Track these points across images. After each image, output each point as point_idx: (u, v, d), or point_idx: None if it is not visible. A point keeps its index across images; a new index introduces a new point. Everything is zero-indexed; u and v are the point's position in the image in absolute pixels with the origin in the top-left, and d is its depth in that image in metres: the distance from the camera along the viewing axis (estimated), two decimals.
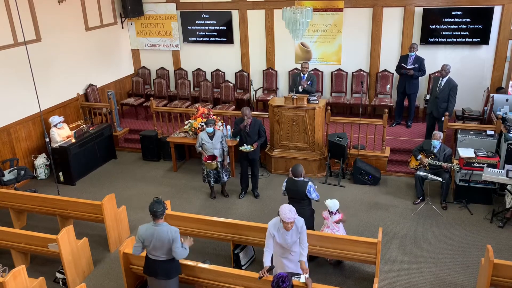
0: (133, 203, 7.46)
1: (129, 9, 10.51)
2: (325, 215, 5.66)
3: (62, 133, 8.37)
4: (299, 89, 8.27)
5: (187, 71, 11.09)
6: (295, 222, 4.54)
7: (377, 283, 4.90)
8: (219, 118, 8.41)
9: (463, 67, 9.26)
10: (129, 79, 11.36)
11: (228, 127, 8.34)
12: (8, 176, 7.64)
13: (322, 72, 10.14)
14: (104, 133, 9.04)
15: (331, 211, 5.59)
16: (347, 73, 9.99)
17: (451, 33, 9.15)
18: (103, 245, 6.37)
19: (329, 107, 8.33)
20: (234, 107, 10.07)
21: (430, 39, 9.29)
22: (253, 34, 10.41)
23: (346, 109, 10.13)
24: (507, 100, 7.94)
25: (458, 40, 9.16)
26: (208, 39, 10.77)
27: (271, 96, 10.07)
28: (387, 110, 8.04)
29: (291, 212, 4.48)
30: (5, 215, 7.04)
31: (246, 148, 7.22)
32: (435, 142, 6.93)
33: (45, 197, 6.55)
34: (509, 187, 6.57)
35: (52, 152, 7.85)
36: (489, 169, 6.67)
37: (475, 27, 8.98)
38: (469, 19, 8.95)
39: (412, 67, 8.67)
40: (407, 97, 9.09)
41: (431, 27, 9.20)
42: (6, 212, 6.96)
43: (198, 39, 10.85)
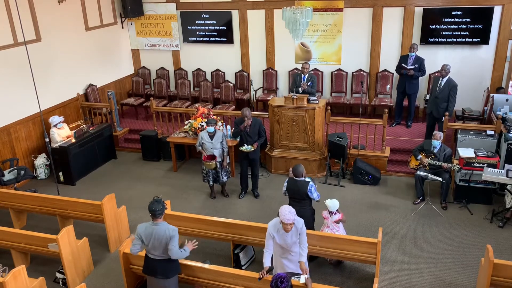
0: (133, 203, 7.45)
1: (129, 9, 10.51)
2: (325, 215, 5.66)
3: (62, 133, 8.37)
4: (299, 90, 8.26)
5: (187, 71, 11.09)
6: (294, 223, 4.54)
7: (377, 283, 4.89)
8: (219, 118, 8.41)
9: (463, 67, 9.26)
10: (129, 79, 11.36)
11: (228, 127, 8.34)
12: (8, 176, 7.64)
13: (322, 72, 10.14)
14: (104, 133, 9.04)
15: (331, 211, 5.59)
16: (347, 73, 9.99)
17: (451, 33, 9.15)
18: (103, 245, 6.37)
19: (329, 107, 8.33)
20: (234, 107, 10.07)
21: (430, 39, 9.29)
22: (253, 34, 10.41)
23: (346, 109, 10.13)
24: (507, 100, 7.94)
25: (458, 40, 9.16)
26: (208, 39, 10.77)
27: (271, 96, 10.07)
28: (387, 110, 8.04)
29: (290, 213, 4.47)
30: (5, 215, 7.04)
31: (246, 148, 7.22)
32: (435, 142, 6.93)
33: (45, 197, 6.55)
34: (509, 187, 6.57)
35: (52, 152, 7.85)
36: (489, 169, 6.67)
37: (475, 27, 8.98)
38: (469, 19, 8.95)
39: (412, 67, 8.67)
40: (407, 97, 9.09)
41: (431, 27, 9.20)
42: (6, 212, 6.96)
43: (198, 39, 10.85)
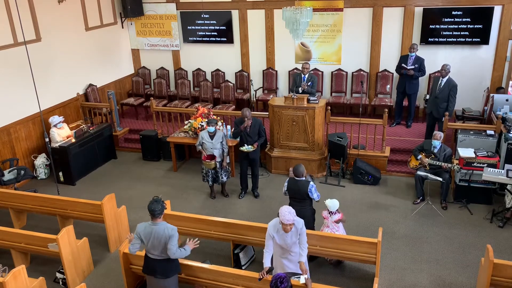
0: (133, 203, 7.45)
1: (129, 9, 10.50)
2: (325, 214, 5.66)
3: (62, 133, 8.37)
4: (299, 90, 8.25)
5: (187, 71, 11.09)
6: (294, 224, 4.54)
7: (377, 283, 4.89)
8: (219, 118, 8.41)
9: (463, 67, 9.26)
10: (129, 79, 11.36)
11: (228, 127, 8.34)
12: (8, 176, 7.64)
13: (322, 72, 10.14)
14: (104, 133, 9.04)
15: (331, 211, 5.59)
16: (347, 73, 9.99)
17: (451, 33, 9.15)
18: (103, 245, 6.37)
19: (329, 107, 8.33)
20: (234, 107, 10.07)
21: (430, 39, 9.29)
22: (253, 34, 10.41)
23: (346, 109, 10.13)
24: (507, 100, 7.94)
25: (458, 40, 9.16)
26: (208, 39, 10.77)
27: (271, 96, 10.07)
28: (387, 110, 8.04)
29: (290, 214, 4.47)
30: (5, 215, 7.04)
31: (246, 148, 7.23)
32: (435, 142, 6.93)
33: (45, 197, 6.55)
34: (509, 187, 6.57)
35: (52, 152, 7.85)
36: (489, 169, 6.67)
37: (475, 27, 8.98)
38: (469, 19, 8.95)
39: (412, 67, 8.67)
40: (407, 97, 9.10)
41: (431, 27, 9.20)
42: (6, 212, 6.96)
43: (198, 39, 10.85)
